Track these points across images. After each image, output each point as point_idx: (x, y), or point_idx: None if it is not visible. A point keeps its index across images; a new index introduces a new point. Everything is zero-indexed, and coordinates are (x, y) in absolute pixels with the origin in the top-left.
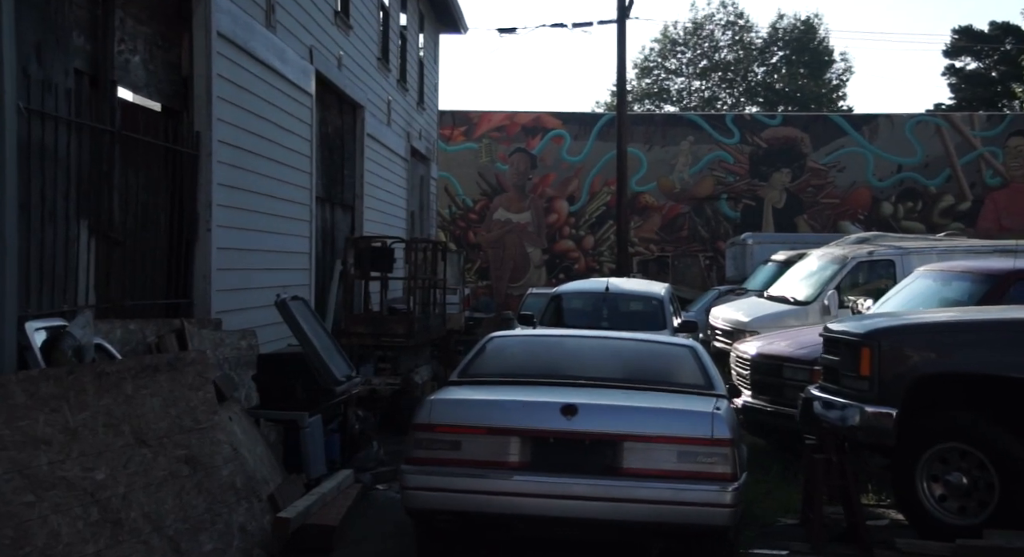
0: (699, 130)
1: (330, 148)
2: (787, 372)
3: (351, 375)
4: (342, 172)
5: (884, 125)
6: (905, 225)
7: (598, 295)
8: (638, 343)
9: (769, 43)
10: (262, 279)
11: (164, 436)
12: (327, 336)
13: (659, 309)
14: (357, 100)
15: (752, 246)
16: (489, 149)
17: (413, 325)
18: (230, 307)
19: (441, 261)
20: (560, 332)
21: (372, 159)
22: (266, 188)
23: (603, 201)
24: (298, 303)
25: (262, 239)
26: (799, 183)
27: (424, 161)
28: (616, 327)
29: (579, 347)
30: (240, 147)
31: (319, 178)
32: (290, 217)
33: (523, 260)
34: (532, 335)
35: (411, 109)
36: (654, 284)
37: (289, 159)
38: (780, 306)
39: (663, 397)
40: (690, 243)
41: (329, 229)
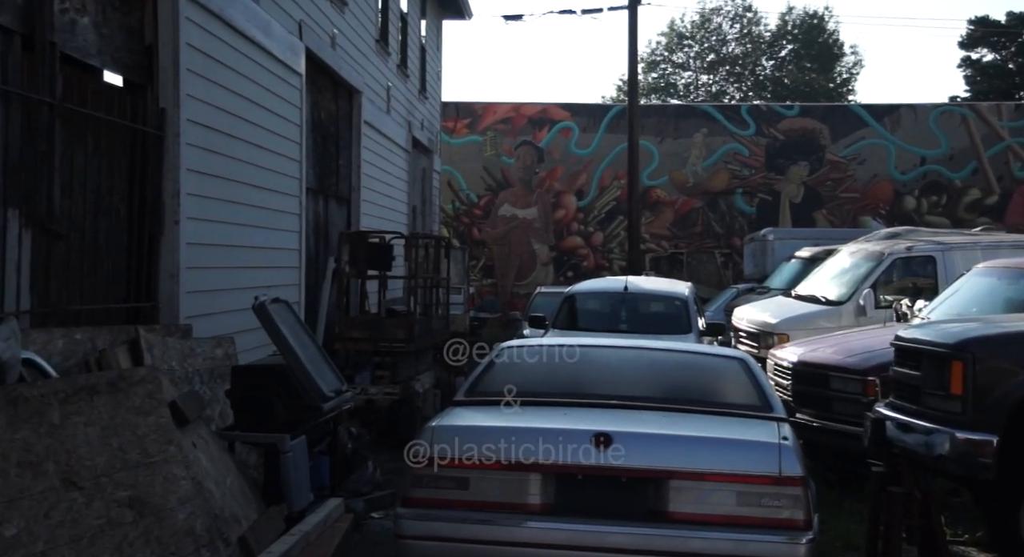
0: (713, 121)
1: (323, 135)
2: (835, 383)
3: (341, 389)
4: (337, 162)
5: (907, 115)
6: (929, 220)
7: (616, 295)
8: (678, 354)
9: (778, 37)
10: (243, 279)
11: (101, 475)
12: (314, 345)
13: (683, 310)
14: (353, 84)
15: (773, 242)
16: (494, 142)
17: (414, 328)
18: (203, 311)
19: (444, 258)
20: (585, 341)
21: (370, 149)
22: (248, 176)
23: (613, 196)
24: (280, 306)
25: (243, 234)
26: (817, 176)
27: (426, 153)
28: (636, 330)
29: (609, 359)
30: (215, 129)
31: (311, 167)
32: (277, 209)
33: (529, 257)
34: (552, 345)
35: (412, 97)
36: (676, 283)
37: (275, 145)
38: (810, 306)
39: (715, 422)
40: (704, 239)
41: (322, 223)
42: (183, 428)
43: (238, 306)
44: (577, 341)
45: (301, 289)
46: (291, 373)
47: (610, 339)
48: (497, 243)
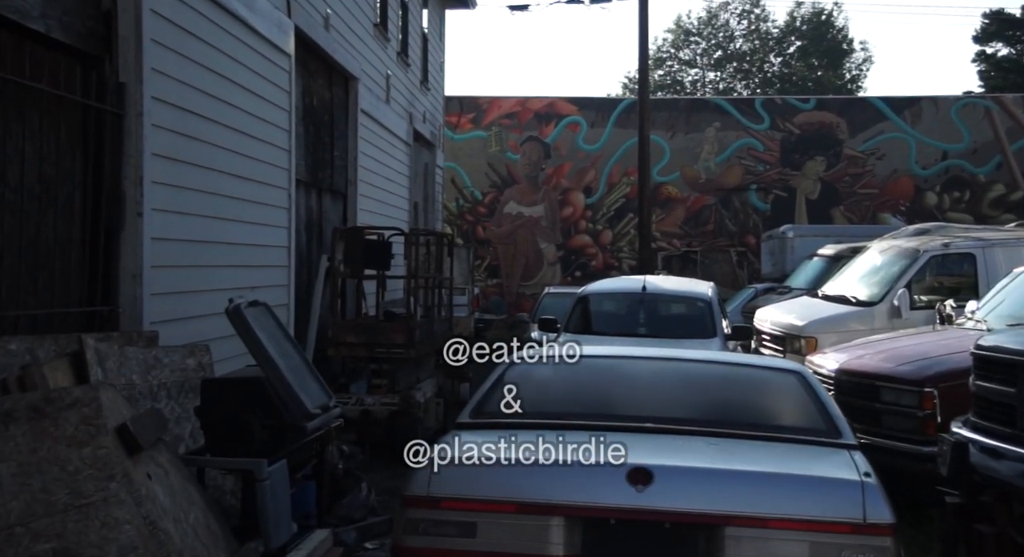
0: (726, 115)
1: (316, 124)
2: (887, 395)
3: (329, 404)
4: (331, 153)
5: (927, 108)
6: (951, 217)
7: (633, 296)
8: (721, 366)
9: (786, 33)
10: (221, 278)
11: (16, 524)
12: (298, 354)
13: (706, 312)
14: (350, 70)
15: (792, 240)
16: (499, 137)
17: (414, 332)
18: (173, 315)
19: (447, 257)
20: (610, 350)
21: (368, 140)
22: (229, 165)
23: (622, 193)
24: (259, 310)
25: (222, 228)
26: (835, 172)
27: (429, 147)
28: (656, 334)
29: (640, 372)
30: (189, 110)
31: (302, 158)
32: (262, 203)
33: (536, 257)
34: (573, 355)
35: (414, 88)
36: (698, 282)
37: (261, 132)
38: (839, 307)
39: (776, 452)
40: (716, 237)
41: (315, 219)
42: (135, 457)
43: (215, 310)
44: (601, 350)
45: (291, 290)
46: (270, 387)
47: (639, 348)
48: (502, 242)
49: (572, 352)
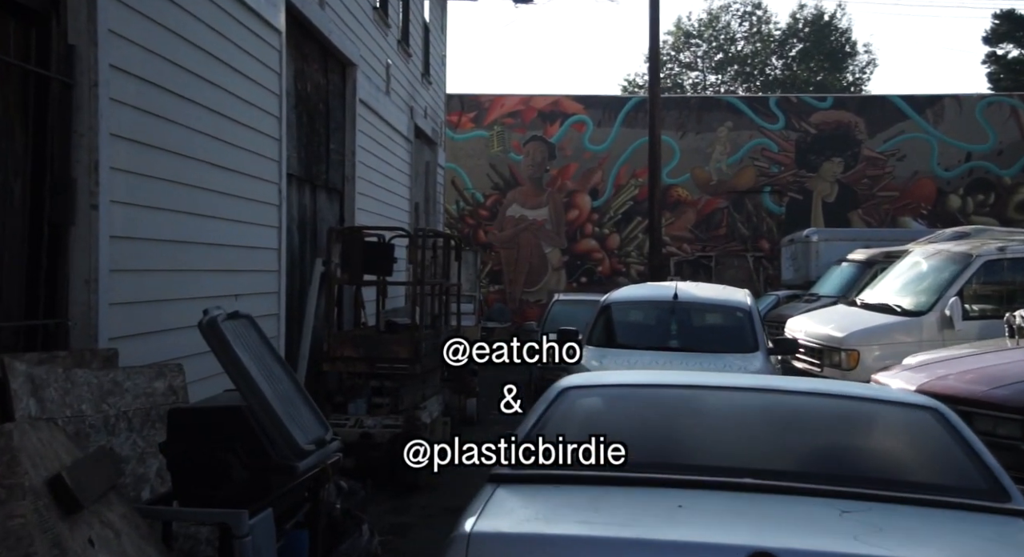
0: (738, 114)
1: (310, 113)
2: (981, 423)
3: (325, 438)
4: (327, 146)
5: (950, 107)
6: (975, 221)
7: (663, 305)
8: (829, 400)
9: (788, 35)
10: (197, 285)
11: None
12: (288, 376)
13: (746, 323)
14: (347, 55)
15: (817, 244)
16: (501, 137)
17: (419, 345)
18: (138, 329)
19: (455, 261)
20: (683, 378)
21: (366, 133)
22: (207, 152)
23: (630, 195)
24: (240, 324)
25: (199, 226)
26: (853, 173)
27: (430, 145)
28: (689, 347)
29: (726, 406)
30: (156, 84)
31: (294, 150)
32: (249, 198)
33: (540, 262)
34: (639, 384)
35: (415, 81)
36: (733, 290)
37: (247, 116)
38: (883, 317)
39: (937, 527)
40: (728, 242)
41: (308, 218)
42: (74, 517)
43: (190, 321)
44: (672, 377)
45: (281, 298)
46: (253, 418)
47: (719, 376)
48: (505, 246)
49: (638, 380)
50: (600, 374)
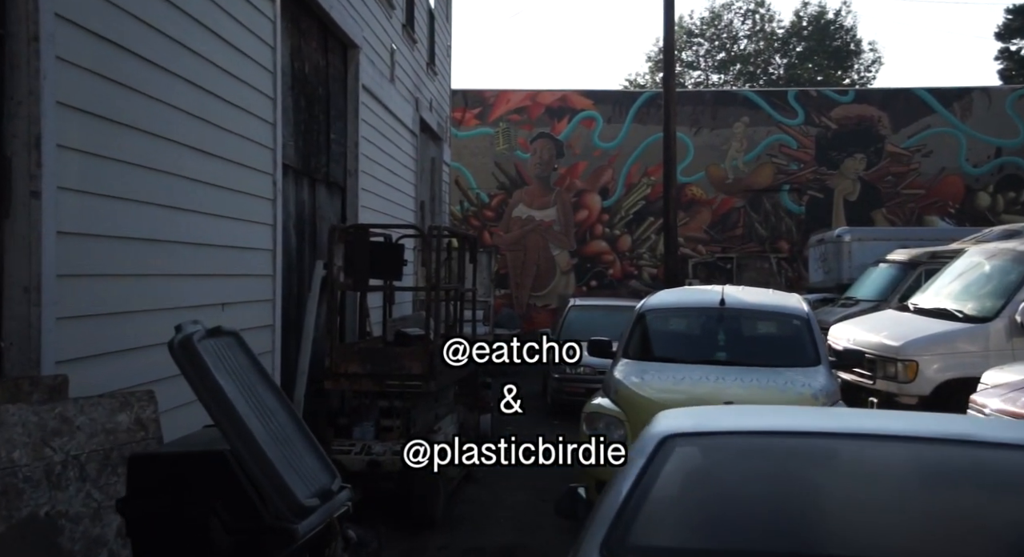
0: (755, 109)
1: (309, 97)
2: None
3: (331, 488)
4: (327, 136)
5: (979, 100)
6: (1006, 220)
7: (709, 312)
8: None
9: (792, 33)
10: (175, 293)
11: None
12: (285, 409)
13: (805, 332)
14: (349, 34)
15: (850, 244)
16: (507, 134)
17: (434, 359)
18: (95, 349)
19: (469, 263)
20: (809, 419)
21: (370, 123)
22: (185, 133)
23: (642, 194)
24: (223, 343)
25: (175, 222)
26: (876, 171)
27: (436, 140)
28: (740, 360)
29: (872, 465)
30: (121, 45)
31: (291, 138)
32: (237, 190)
33: (548, 264)
34: (757, 430)
35: (420, 70)
36: (785, 295)
37: (235, 94)
38: (942, 324)
39: None
40: (746, 242)
41: (307, 215)
42: None
43: (165, 338)
44: (800, 421)
45: (276, 306)
46: (239, 466)
47: (862, 417)
48: (511, 248)
49: (758, 424)
50: (703, 413)
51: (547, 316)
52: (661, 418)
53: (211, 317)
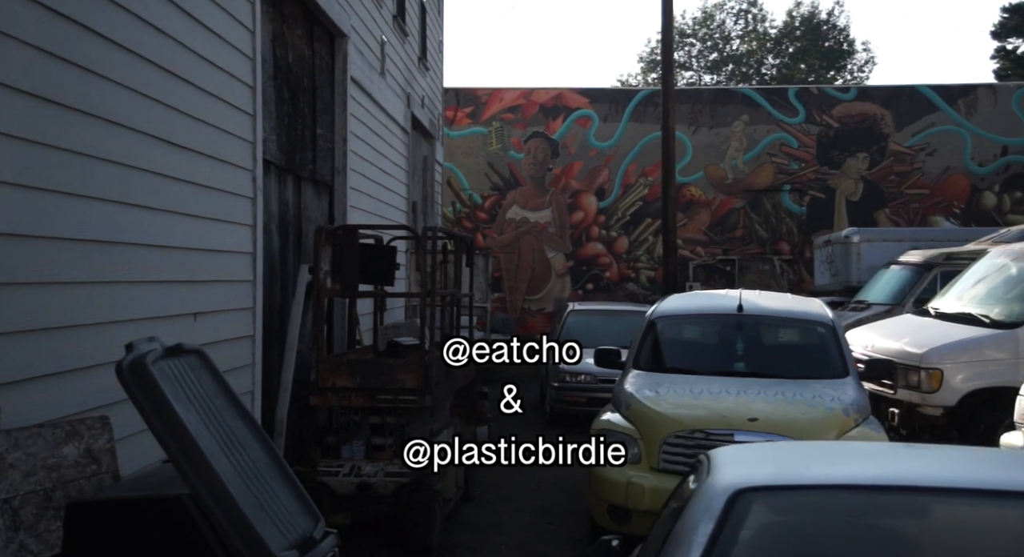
0: (755, 107)
1: (293, 88)
2: None
3: (314, 536)
4: (313, 131)
5: (984, 97)
6: (1012, 220)
7: (726, 319)
8: None
9: (785, 33)
10: (136, 302)
11: None
12: (258, 440)
13: (830, 341)
14: (336, 22)
15: (859, 245)
16: (500, 134)
17: (430, 371)
18: (34, 370)
19: (466, 266)
20: (908, 468)
21: (360, 119)
22: (148, 122)
23: (639, 195)
24: (182, 365)
25: (137, 221)
26: (879, 170)
27: (428, 138)
28: (760, 371)
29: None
30: (72, 19)
31: (273, 131)
32: (211, 186)
33: (543, 267)
34: (844, 484)
35: (411, 65)
36: (806, 300)
37: (209, 79)
38: (967, 329)
39: None
40: (746, 244)
41: (292, 216)
42: None
43: (121, 355)
44: (897, 472)
45: (256, 315)
46: (199, 512)
47: (982, 461)
48: (505, 251)
49: (846, 477)
50: (773, 454)
51: (542, 320)
52: (724, 461)
53: (181, 329)
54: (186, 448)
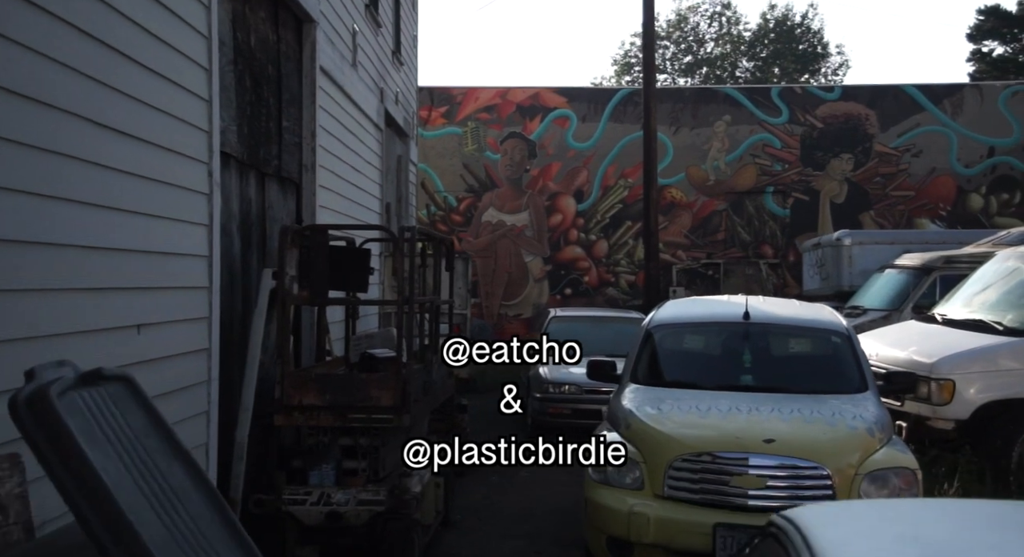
0: (738, 107)
1: (256, 76)
2: None
3: None
4: (279, 123)
5: (971, 97)
6: (999, 223)
7: (732, 328)
8: None
9: (758, 37)
10: (62, 314)
11: None
12: (199, 488)
13: (847, 352)
14: (305, 6)
15: (851, 248)
16: (476, 134)
17: (407, 387)
18: None
19: (446, 270)
20: None
21: (330, 112)
22: (79, 102)
23: (619, 197)
24: (100, 396)
25: (55, 217)
26: (864, 171)
27: (402, 137)
28: (770, 386)
29: None
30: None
31: (233, 120)
32: (159, 180)
33: (520, 271)
34: None
35: (385, 58)
36: (816, 307)
37: (155, 57)
38: (978, 337)
39: None
40: (728, 247)
41: (255, 215)
42: None
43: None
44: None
45: (213, 326)
46: None
47: None
48: (481, 255)
49: None
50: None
51: (520, 326)
52: (823, 538)
53: (120, 344)
54: (100, 505)
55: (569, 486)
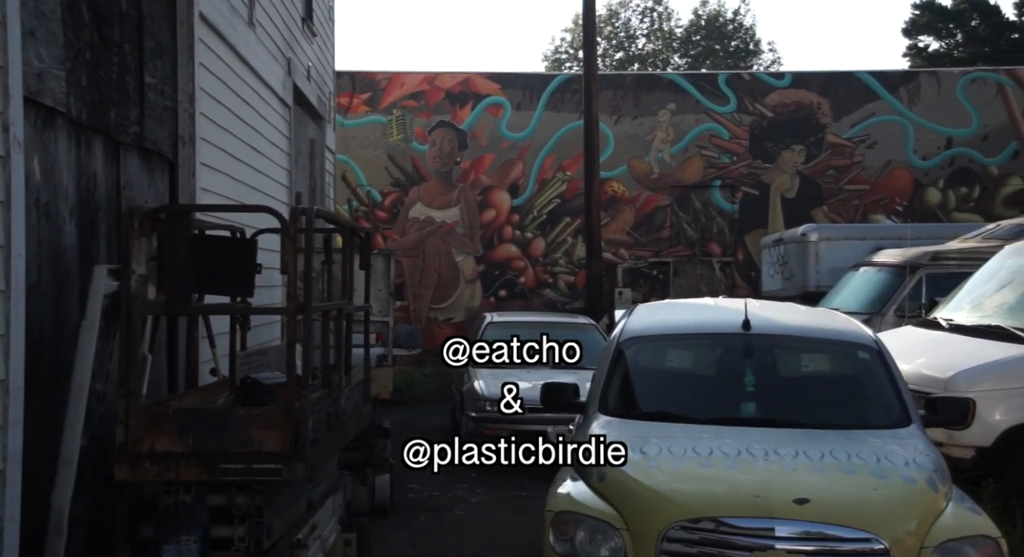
0: (683, 95)
1: (97, 10)
2: None
3: None
4: (139, 78)
5: (927, 85)
6: (957, 218)
7: (728, 341)
8: None
9: (690, 33)
10: None
11: None
12: None
13: (880, 372)
14: None
15: (817, 244)
16: (402, 123)
17: (303, 426)
18: None
19: (360, 269)
20: None
21: (215, 73)
22: None
23: (557, 191)
24: None
25: None
26: (816, 164)
27: (316, 119)
28: (783, 419)
29: None
30: None
31: (55, 61)
32: None
33: (450, 272)
34: None
35: (293, 25)
36: (827, 313)
37: None
38: (999, 347)
39: None
40: (673, 245)
41: (102, 197)
42: None
43: None
44: None
45: (11, 346)
46: None
47: None
48: (408, 254)
49: None
50: None
51: (451, 331)
52: None
53: None
54: None
55: (513, 527)
